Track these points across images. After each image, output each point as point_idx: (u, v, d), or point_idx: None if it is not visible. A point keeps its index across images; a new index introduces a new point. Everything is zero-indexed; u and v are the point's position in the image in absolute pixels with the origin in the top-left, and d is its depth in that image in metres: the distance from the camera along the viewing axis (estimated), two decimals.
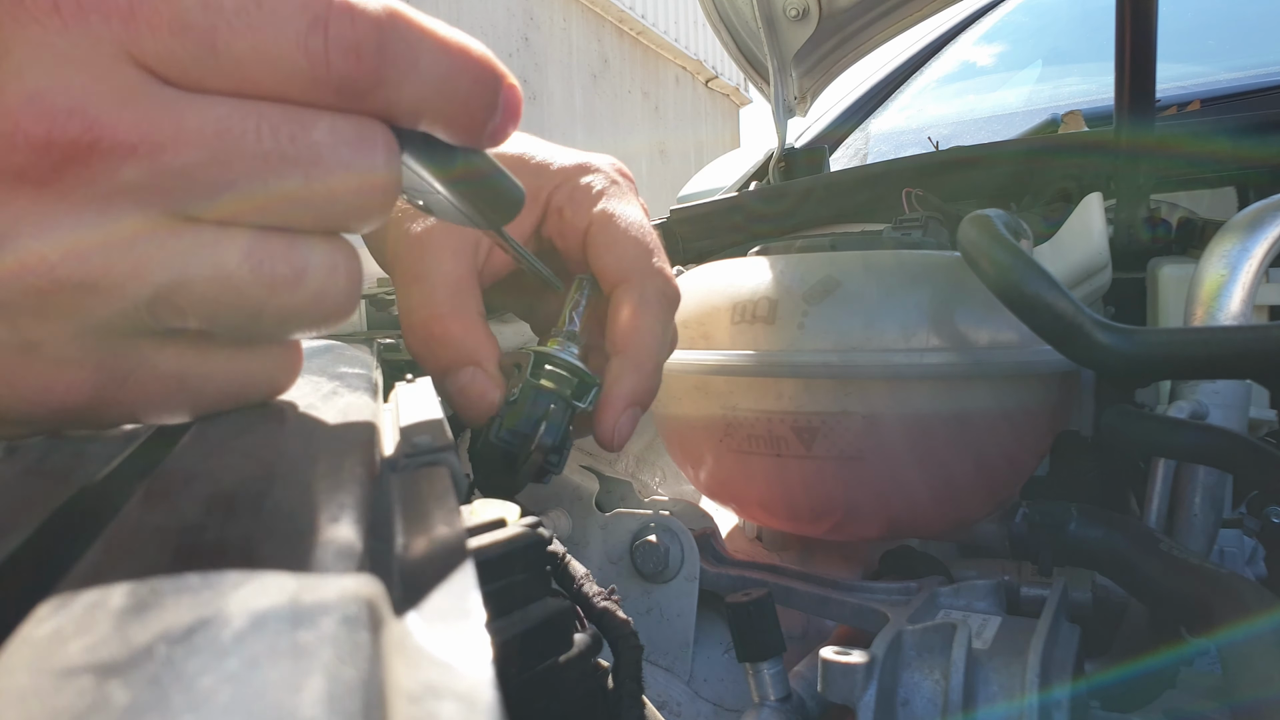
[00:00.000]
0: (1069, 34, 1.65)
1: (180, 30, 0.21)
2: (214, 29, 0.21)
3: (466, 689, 0.13)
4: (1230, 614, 0.41)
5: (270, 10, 0.21)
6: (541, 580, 0.26)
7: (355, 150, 0.23)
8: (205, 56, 0.21)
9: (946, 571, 0.57)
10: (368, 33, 0.22)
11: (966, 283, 0.52)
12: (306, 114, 0.22)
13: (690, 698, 0.54)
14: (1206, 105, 1.04)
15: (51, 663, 0.13)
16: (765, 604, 0.44)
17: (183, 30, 0.21)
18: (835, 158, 1.35)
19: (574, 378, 0.38)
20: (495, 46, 5.58)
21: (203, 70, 0.21)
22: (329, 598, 0.15)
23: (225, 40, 0.21)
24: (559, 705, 0.26)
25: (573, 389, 0.38)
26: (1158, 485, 0.57)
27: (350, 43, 0.22)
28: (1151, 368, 0.45)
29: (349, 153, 0.23)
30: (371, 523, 0.19)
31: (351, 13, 0.22)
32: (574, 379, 0.38)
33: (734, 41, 1.18)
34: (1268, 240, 0.56)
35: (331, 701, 0.12)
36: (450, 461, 0.24)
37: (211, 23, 0.21)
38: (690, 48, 8.55)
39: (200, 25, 0.21)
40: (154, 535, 0.17)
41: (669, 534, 0.55)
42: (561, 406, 0.38)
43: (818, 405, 0.52)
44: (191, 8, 0.21)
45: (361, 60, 0.22)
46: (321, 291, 0.24)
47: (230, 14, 0.21)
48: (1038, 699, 0.39)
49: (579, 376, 0.38)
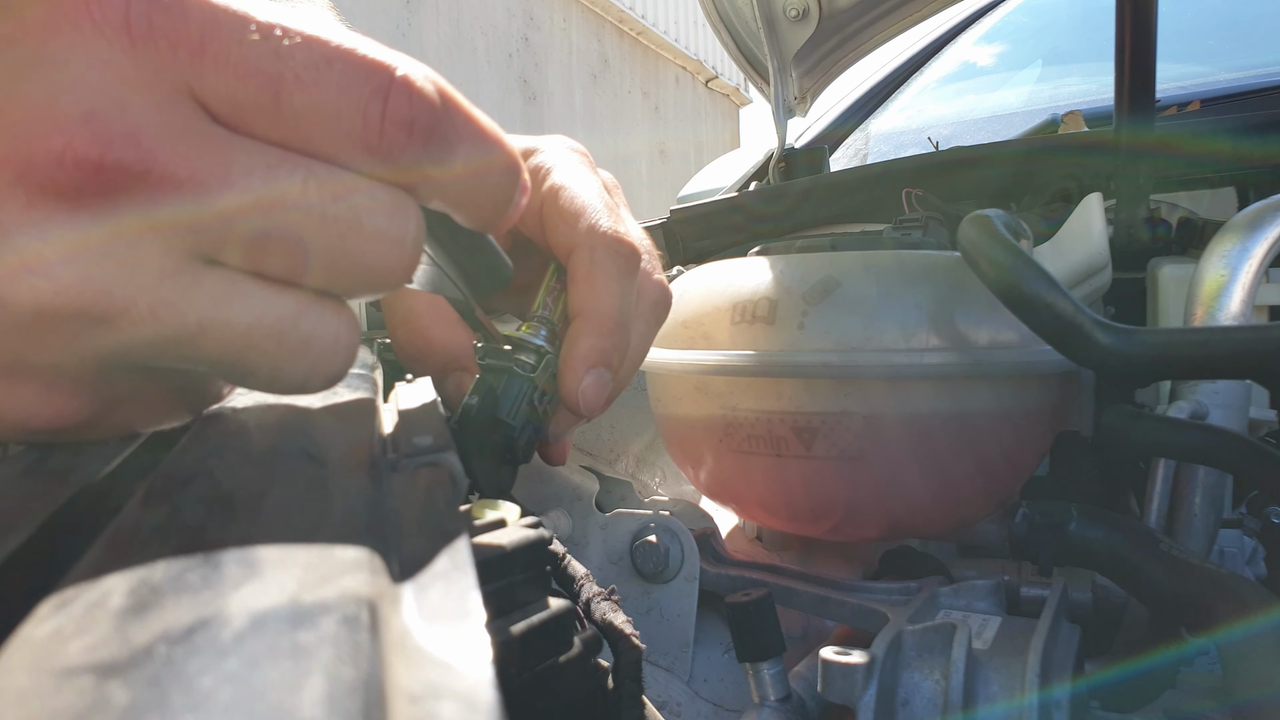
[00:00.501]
0: (1069, 34, 1.65)
1: (245, 75, 0.21)
2: (281, 78, 0.21)
3: (466, 689, 0.13)
4: (1230, 614, 0.41)
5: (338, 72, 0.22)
6: (542, 580, 0.26)
7: (390, 220, 0.23)
8: (266, 104, 0.21)
9: (946, 571, 0.57)
10: (423, 111, 0.23)
11: (966, 283, 0.52)
12: (350, 177, 0.23)
13: (690, 698, 0.54)
14: (1206, 105, 1.04)
15: (51, 663, 0.13)
16: (765, 604, 0.44)
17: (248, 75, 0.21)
18: (835, 158, 1.35)
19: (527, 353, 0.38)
20: (495, 47, 5.53)
21: (260, 117, 0.21)
22: (329, 598, 0.15)
23: (290, 91, 0.21)
24: (559, 705, 0.26)
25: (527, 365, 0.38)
26: (1158, 485, 0.57)
27: (406, 117, 0.22)
28: (1151, 368, 0.45)
29: (385, 221, 0.23)
30: (371, 523, 0.19)
31: (410, 89, 0.22)
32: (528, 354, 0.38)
33: (734, 42, 1.18)
34: (1268, 240, 0.56)
35: (331, 702, 0.12)
36: (450, 461, 0.24)
37: (279, 72, 0.21)
38: (690, 48, 8.55)
39: (268, 72, 0.21)
40: (154, 535, 0.17)
41: (669, 534, 0.55)
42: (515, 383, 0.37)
43: (818, 405, 0.52)
44: (263, 55, 0.21)
45: (412, 136, 0.23)
46: (325, 357, 0.24)
47: (299, 67, 0.21)
48: (1038, 699, 0.39)
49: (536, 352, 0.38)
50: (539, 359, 0.38)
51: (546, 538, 0.27)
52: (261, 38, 0.21)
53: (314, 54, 0.22)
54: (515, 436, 0.37)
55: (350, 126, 0.22)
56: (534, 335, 0.39)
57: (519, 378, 0.38)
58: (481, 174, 0.25)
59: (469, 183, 0.25)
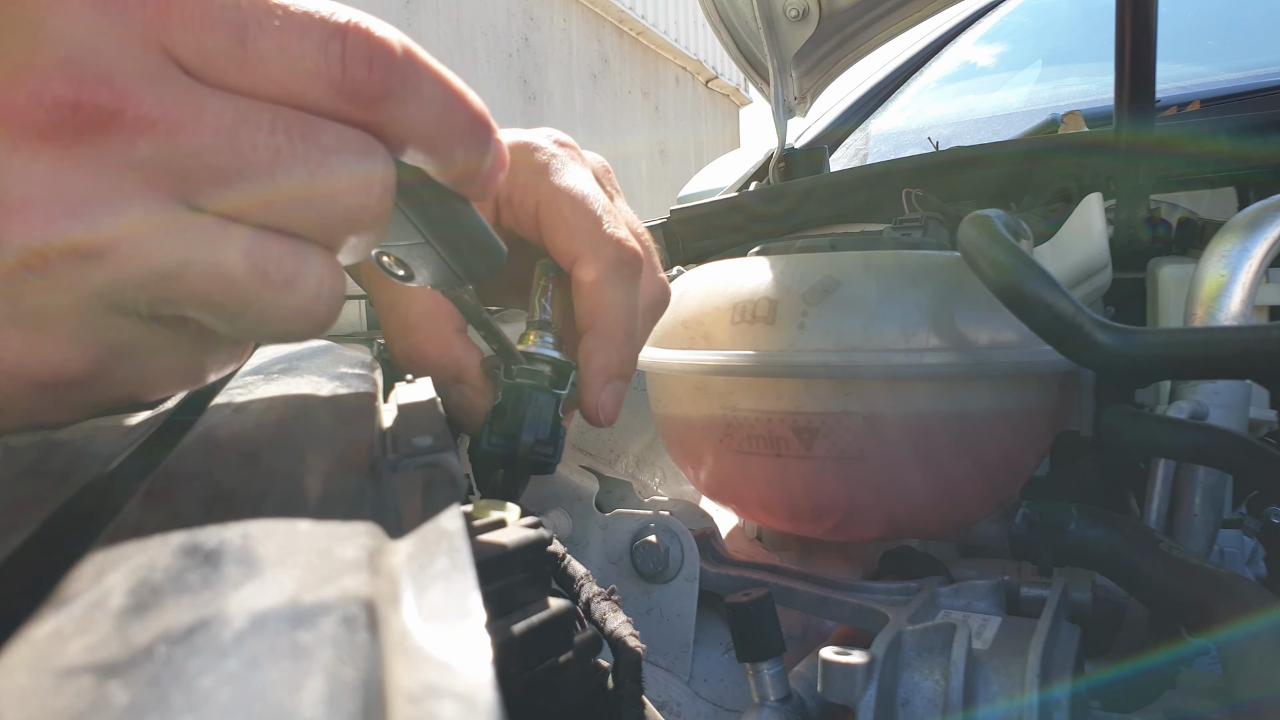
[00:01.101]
0: (1069, 34, 1.65)
1: (211, 25, 0.22)
2: (244, 26, 0.23)
3: (466, 689, 0.13)
4: (1230, 614, 0.41)
5: (297, 17, 0.23)
6: (542, 581, 0.26)
7: (358, 156, 0.24)
8: (232, 51, 0.23)
9: (946, 571, 0.57)
10: (381, 49, 0.24)
11: (966, 283, 0.52)
12: (316, 119, 0.24)
13: (690, 698, 0.54)
14: (1206, 105, 1.04)
15: (52, 663, 0.13)
16: (765, 604, 0.44)
17: (214, 25, 0.22)
18: (835, 158, 1.35)
19: (549, 367, 0.38)
20: (495, 47, 5.53)
21: (227, 65, 0.23)
22: (329, 598, 0.15)
23: (253, 37, 0.23)
24: (559, 705, 0.26)
25: (550, 380, 0.38)
26: (1158, 485, 0.57)
27: (365, 54, 0.24)
28: (1151, 368, 0.44)
29: (353, 158, 0.24)
30: (371, 523, 0.19)
31: (368, 33, 0.24)
32: (549, 369, 0.38)
33: (734, 42, 1.18)
34: (1268, 240, 0.56)
35: (331, 702, 0.12)
36: (450, 461, 0.24)
37: (242, 20, 0.23)
38: (690, 48, 8.54)
39: (231, 22, 0.22)
40: (154, 535, 0.17)
41: (669, 534, 0.55)
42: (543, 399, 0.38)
43: (818, 405, 0.52)
44: (225, 6, 0.22)
45: (373, 71, 0.24)
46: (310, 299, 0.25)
47: (260, 14, 0.23)
48: (1038, 699, 0.39)
49: (554, 365, 0.38)
50: (557, 371, 0.38)
51: (546, 538, 0.27)
52: None
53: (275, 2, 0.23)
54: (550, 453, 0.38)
55: (314, 66, 0.23)
56: (543, 345, 0.39)
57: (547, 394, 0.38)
58: (450, 116, 0.26)
59: (439, 124, 0.26)
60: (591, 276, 0.38)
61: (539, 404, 0.38)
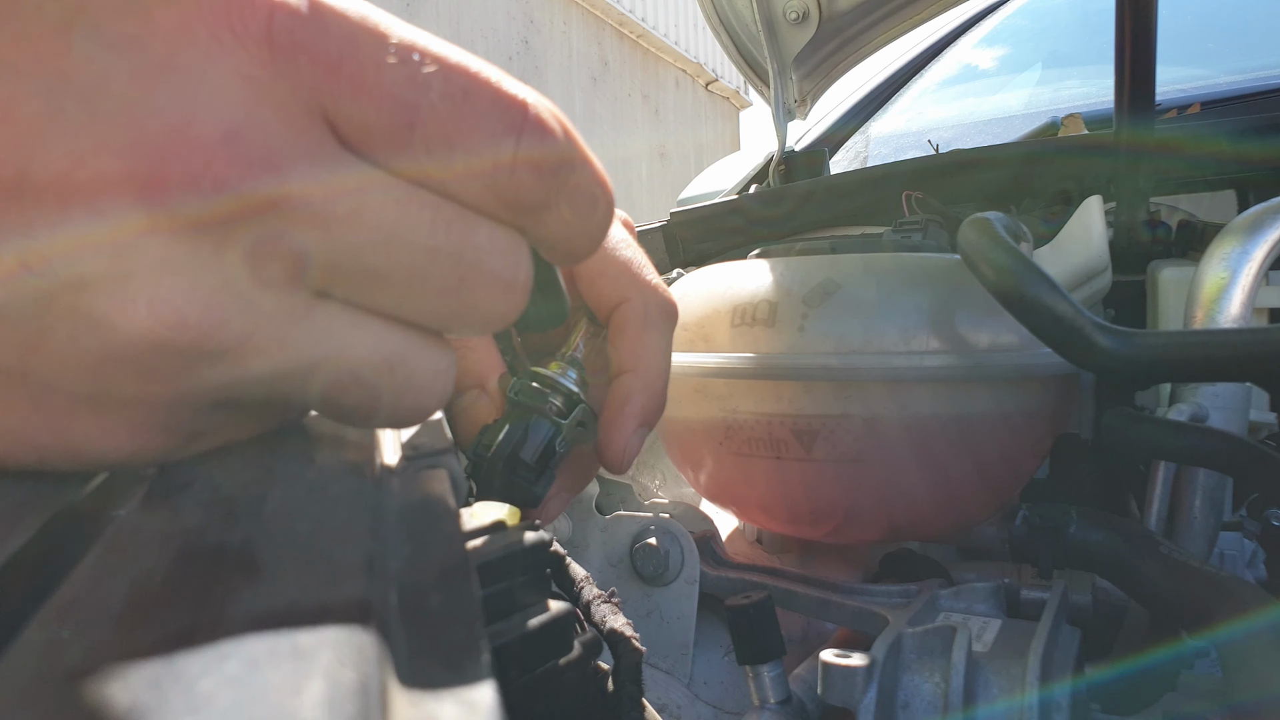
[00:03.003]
0: (1069, 37, 1.66)
1: (381, 100, 0.20)
2: (417, 108, 0.20)
3: (466, 691, 0.13)
4: (1230, 616, 0.41)
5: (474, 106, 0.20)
6: (541, 583, 0.26)
7: (505, 263, 0.22)
8: (400, 132, 0.20)
9: (946, 574, 0.57)
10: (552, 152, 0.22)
11: (966, 285, 0.52)
12: (474, 217, 0.22)
13: (690, 700, 0.54)
14: (1206, 108, 1.04)
15: (52, 666, 0.13)
16: (765, 607, 0.44)
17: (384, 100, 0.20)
18: (835, 160, 1.35)
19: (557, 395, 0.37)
20: (495, 49, 5.54)
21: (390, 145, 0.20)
22: (328, 600, 0.15)
23: (425, 122, 0.20)
24: (559, 708, 0.26)
25: (556, 409, 0.36)
26: (1158, 488, 0.57)
27: (536, 159, 0.21)
28: (1151, 371, 0.44)
29: (500, 264, 0.22)
30: (371, 525, 0.19)
31: (543, 131, 0.21)
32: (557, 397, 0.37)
33: (734, 44, 1.18)
34: (1268, 243, 0.56)
35: (331, 704, 0.12)
36: (450, 464, 0.25)
37: (416, 101, 0.20)
38: (690, 51, 8.55)
39: (405, 100, 0.20)
40: (154, 538, 0.17)
41: (669, 537, 0.55)
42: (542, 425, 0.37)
43: (818, 408, 0.52)
44: (400, 80, 0.20)
45: (540, 178, 0.22)
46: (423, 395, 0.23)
47: (437, 97, 0.20)
48: (1038, 701, 0.39)
49: (563, 394, 0.37)
50: (569, 404, 0.37)
51: (546, 540, 0.27)
52: (399, 61, 0.20)
53: (452, 84, 0.20)
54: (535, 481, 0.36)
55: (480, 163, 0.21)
56: (563, 376, 0.37)
57: (548, 421, 0.36)
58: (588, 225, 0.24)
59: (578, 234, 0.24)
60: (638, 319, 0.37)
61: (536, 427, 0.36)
